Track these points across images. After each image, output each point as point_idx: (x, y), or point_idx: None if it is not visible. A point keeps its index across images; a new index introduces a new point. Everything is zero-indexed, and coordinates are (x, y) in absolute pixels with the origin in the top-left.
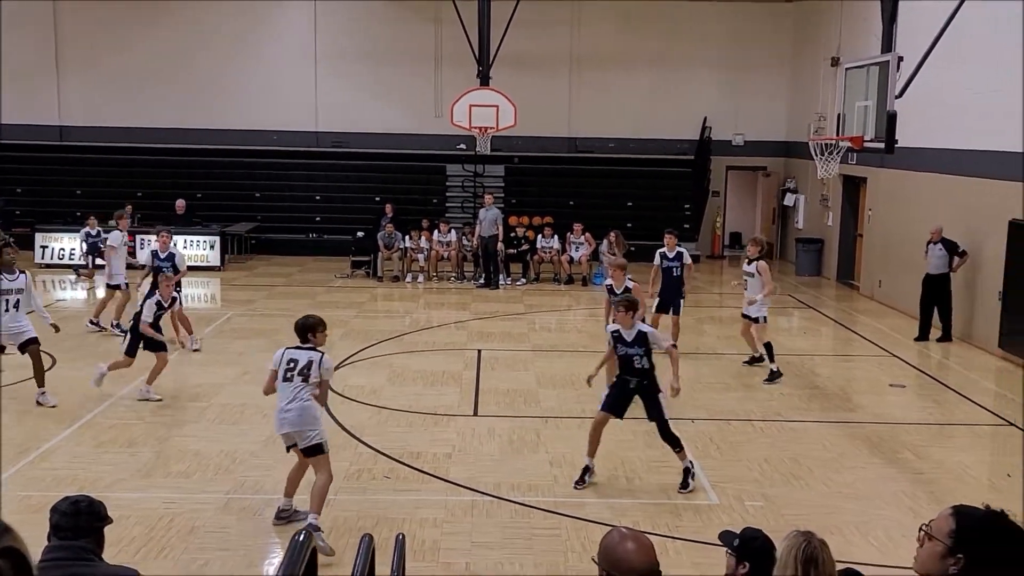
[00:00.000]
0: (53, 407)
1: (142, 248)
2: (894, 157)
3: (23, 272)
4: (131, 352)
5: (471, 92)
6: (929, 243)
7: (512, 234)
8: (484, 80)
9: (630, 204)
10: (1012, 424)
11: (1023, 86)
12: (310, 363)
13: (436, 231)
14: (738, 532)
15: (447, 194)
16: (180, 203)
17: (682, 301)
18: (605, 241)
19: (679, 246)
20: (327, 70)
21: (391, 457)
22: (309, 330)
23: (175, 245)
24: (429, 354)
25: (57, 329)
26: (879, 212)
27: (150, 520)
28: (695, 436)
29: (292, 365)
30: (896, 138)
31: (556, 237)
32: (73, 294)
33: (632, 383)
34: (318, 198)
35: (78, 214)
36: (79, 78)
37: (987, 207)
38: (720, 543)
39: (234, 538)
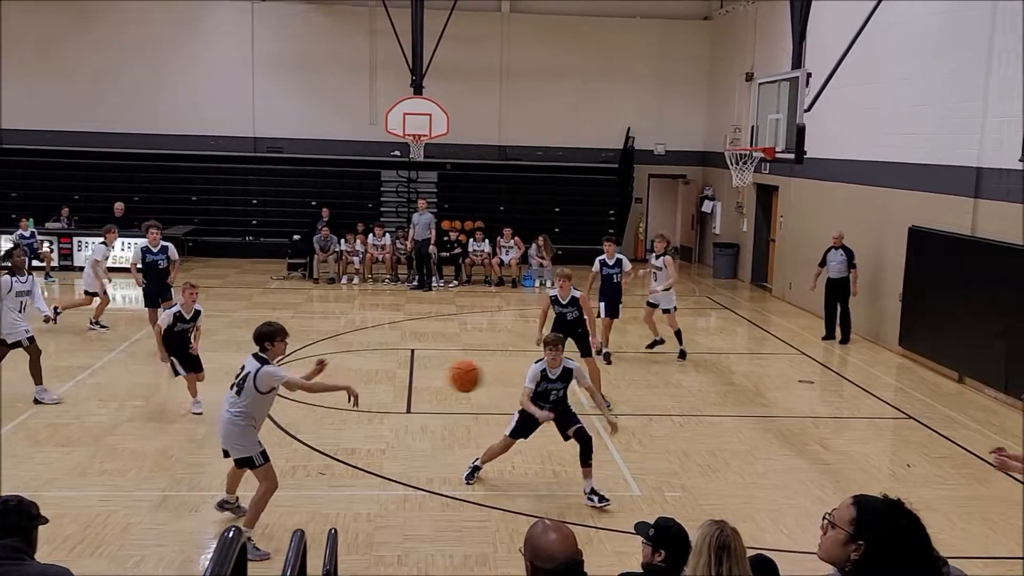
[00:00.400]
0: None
1: (80, 250)
2: (803, 167)
3: (30, 273)
4: (187, 368)
5: (405, 100)
6: (830, 248)
7: (445, 238)
8: (418, 89)
9: (558, 210)
10: (911, 417)
11: (917, 103)
12: (247, 375)
13: (371, 235)
14: (652, 522)
15: (382, 199)
16: (118, 206)
17: (620, 307)
18: (534, 245)
19: (618, 253)
20: (264, 77)
21: (325, 454)
22: (265, 338)
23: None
24: (364, 353)
25: (52, 320)
26: (790, 219)
27: (85, 518)
28: (619, 431)
29: (238, 373)
30: (805, 149)
31: (487, 241)
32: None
33: (545, 408)
34: (255, 202)
35: (13, 216)
36: (16, 81)
37: (889, 214)
38: (636, 533)
39: (170, 534)
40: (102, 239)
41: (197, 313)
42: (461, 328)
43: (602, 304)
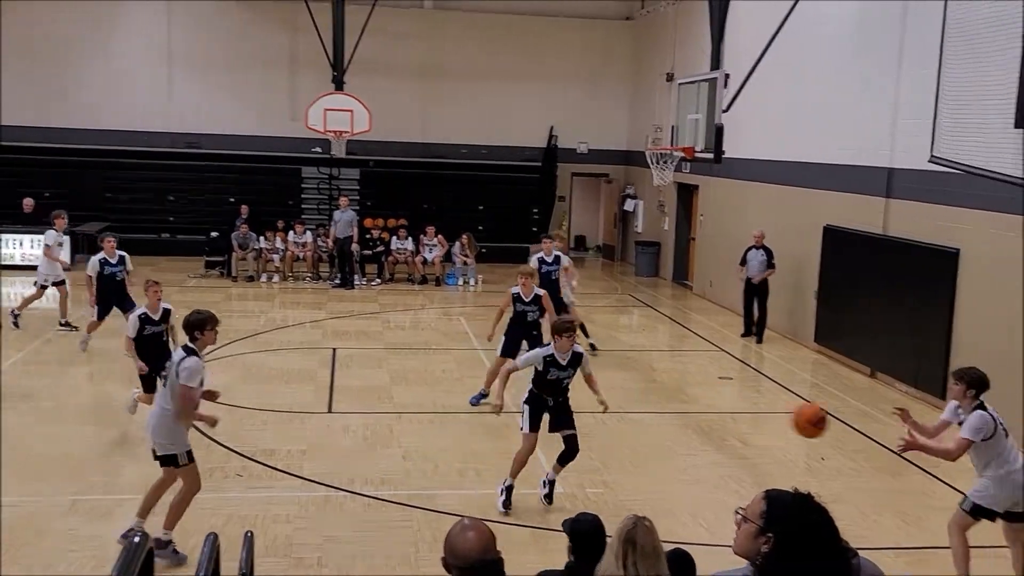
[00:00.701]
0: None
1: None
2: (723, 167)
3: None
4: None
5: (326, 96)
6: (751, 248)
7: (367, 236)
8: (339, 85)
9: (481, 208)
10: (826, 412)
11: (832, 104)
12: (170, 365)
13: (291, 232)
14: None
15: (303, 196)
16: (28, 202)
17: (563, 298)
18: (457, 243)
19: (556, 251)
20: (182, 72)
21: (244, 455)
22: (195, 327)
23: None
24: (284, 353)
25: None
26: (710, 218)
27: None
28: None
29: (167, 365)
30: (723, 149)
31: (410, 239)
32: None
33: (550, 402)
34: (172, 198)
35: None
36: None
37: (806, 214)
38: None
39: (81, 540)
40: (52, 225)
41: (167, 312)
42: (384, 327)
43: None
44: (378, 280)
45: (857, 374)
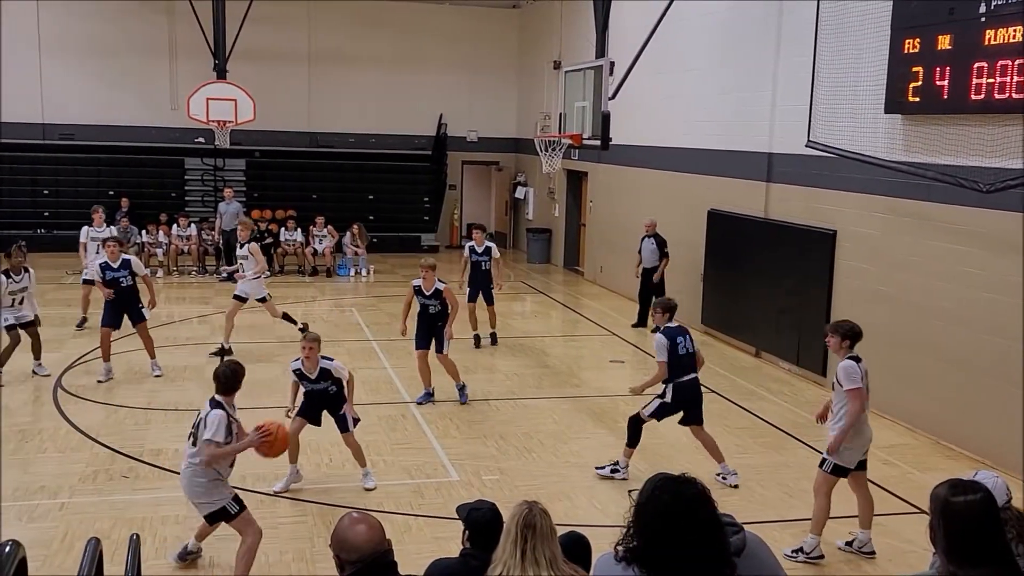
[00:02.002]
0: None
1: None
2: (610, 153)
3: (27, 270)
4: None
5: (208, 85)
6: (644, 238)
7: (255, 227)
8: (221, 74)
9: (371, 197)
10: (713, 391)
11: (714, 92)
12: (199, 421)
13: (175, 225)
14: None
15: (186, 188)
16: None
17: (492, 291)
18: (348, 233)
19: (487, 242)
20: (53, 60)
21: (129, 456)
22: (230, 381)
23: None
24: (170, 349)
25: None
26: (599, 204)
27: None
28: (436, 417)
29: (195, 421)
30: (610, 136)
31: (299, 230)
32: None
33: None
34: (46, 192)
35: None
36: None
37: (690, 198)
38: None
39: None
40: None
41: (326, 372)
42: (274, 320)
43: (468, 290)
44: (267, 272)
45: (743, 354)
